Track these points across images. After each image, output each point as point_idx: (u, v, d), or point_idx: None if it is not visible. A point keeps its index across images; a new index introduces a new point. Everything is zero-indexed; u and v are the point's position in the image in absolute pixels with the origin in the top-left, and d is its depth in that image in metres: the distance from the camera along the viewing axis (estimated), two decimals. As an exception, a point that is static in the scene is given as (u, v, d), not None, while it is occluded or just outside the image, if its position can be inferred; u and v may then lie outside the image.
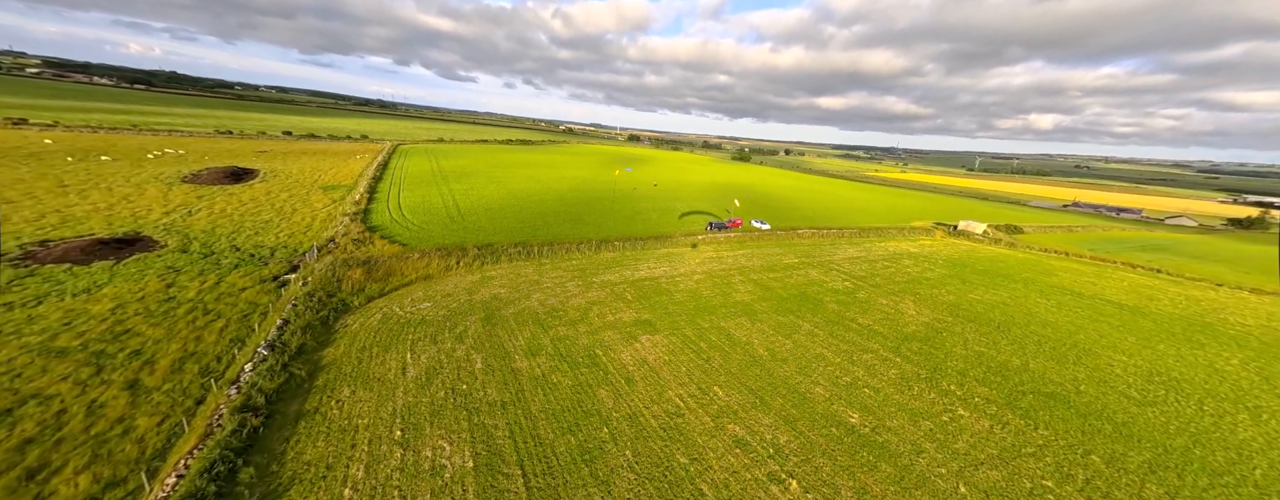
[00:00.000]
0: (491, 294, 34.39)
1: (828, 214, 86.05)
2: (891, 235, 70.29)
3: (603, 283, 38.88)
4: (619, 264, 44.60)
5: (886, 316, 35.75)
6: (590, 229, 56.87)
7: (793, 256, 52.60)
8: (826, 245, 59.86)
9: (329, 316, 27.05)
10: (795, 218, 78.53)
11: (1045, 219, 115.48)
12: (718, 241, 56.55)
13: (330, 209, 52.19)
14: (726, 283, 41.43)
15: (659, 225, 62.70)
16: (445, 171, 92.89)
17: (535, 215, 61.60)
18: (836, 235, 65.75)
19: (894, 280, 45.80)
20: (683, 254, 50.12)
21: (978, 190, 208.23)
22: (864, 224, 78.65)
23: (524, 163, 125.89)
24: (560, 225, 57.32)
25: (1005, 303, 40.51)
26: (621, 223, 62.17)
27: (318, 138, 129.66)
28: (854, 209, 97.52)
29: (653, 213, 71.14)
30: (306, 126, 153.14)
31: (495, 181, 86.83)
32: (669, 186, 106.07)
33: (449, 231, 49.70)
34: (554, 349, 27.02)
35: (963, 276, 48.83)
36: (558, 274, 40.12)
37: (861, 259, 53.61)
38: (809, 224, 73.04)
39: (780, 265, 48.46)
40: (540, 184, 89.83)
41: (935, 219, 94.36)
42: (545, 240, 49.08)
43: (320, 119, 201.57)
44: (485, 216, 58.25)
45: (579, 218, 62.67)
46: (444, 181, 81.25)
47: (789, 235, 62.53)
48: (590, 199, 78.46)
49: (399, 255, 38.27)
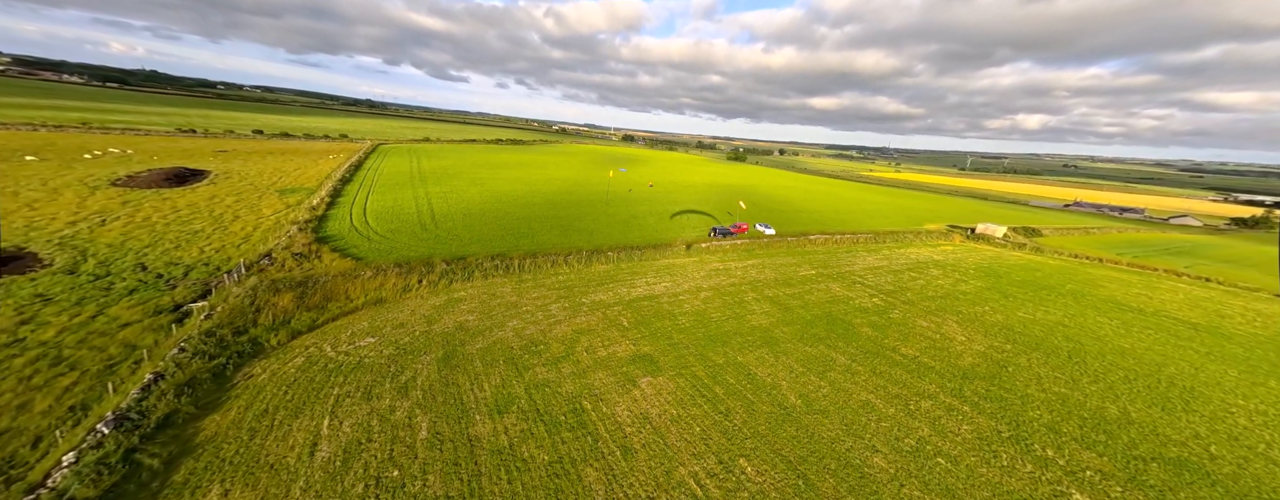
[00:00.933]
0: (457, 322, 28.01)
1: (835, 217, 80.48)
2: (908, 240, 64.83)
3: (593, 304, 32.64)
4: (613, 279, 38.39)
5: (933, 344, 29.90)
6: (580, 237, 50.60)
7: (808, 267, 46.74)
8: (842, 253, 54.11)
9: (227, 364, 20.51)
10: (802, 222, 72.82)
11: (1056, 220, 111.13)
12: (723, 250, 50.55)
13: (280, 216, 45.41)
14: (738, 301, 35.39)
15: (657, 231, 56.58)
16: (424, 172, 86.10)
17: (519, 221, 55.19)
18: (851, 241, 60.08)
19: (927, 296, 40.06)
20: (685, 265, 44.03)
21: (978, 190, 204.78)
22: (876, 228, 73.18)
23: (512, 163, 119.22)
24: (547, 233, 50.98)
25: (1063, 324, 34.89)
26: (616, 229, 55.96)
27: (292, 137, 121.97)
28: (861, 211, 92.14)
29: (650, 217, 64.99)
30: (283, 125, 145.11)
31: (478, 183, 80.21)
32: (665, 187, 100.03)
33: (418, 241, 43.17)
34: (528, 402, 20.75)
35: (1002, 289, 43.25)
36: (541, 293, 33.81)
37: (884, 269, 47.90)
38: (818, 228, 67.35)
39: (796, 278, 42.54)
40: (527, 186, 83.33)
41: (947, 221, 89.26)
42: (529, 251, 42.75)
43: (301, 118, 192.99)
44: (462, 223, 51.73)
45: (568, 224, 56.36)
46: (421, 183, 74.49)
47: (800, 242, 56.72)
48: (581, 202, 72.14)
49: (348, 273, 31.72)
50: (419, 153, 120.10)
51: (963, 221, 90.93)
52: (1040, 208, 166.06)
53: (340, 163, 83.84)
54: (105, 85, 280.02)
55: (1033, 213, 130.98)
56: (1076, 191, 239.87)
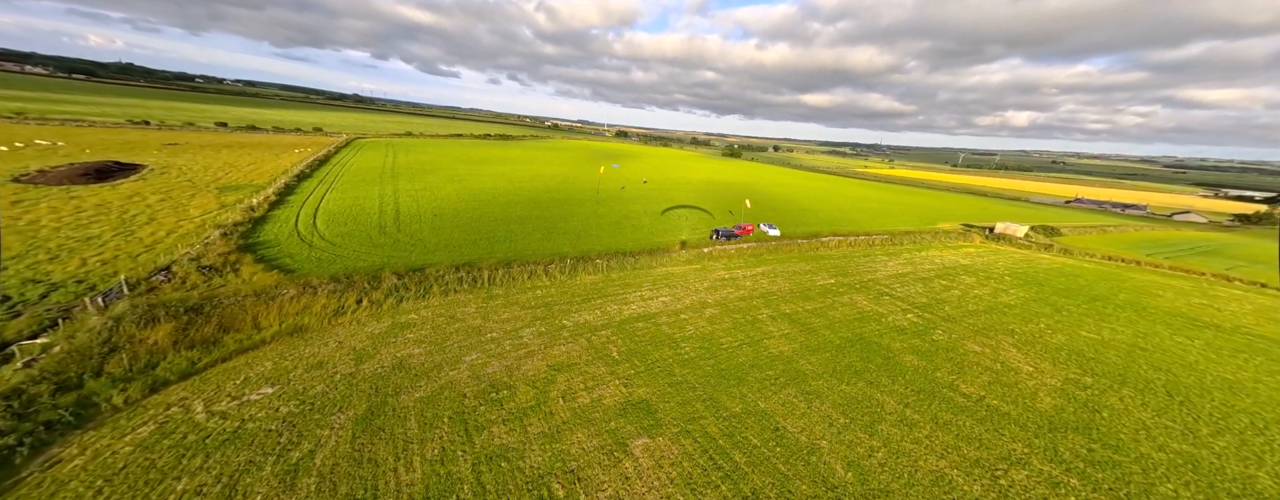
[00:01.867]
0: (397, 358, 21.66)
1: (843, 216, 74.85)
2: (927, 242, 59.35)
3: (577, 327, 26.47)
4: (601, 293, 32.21)
5: (996, 377, 24.15)
6: (566, 241, 44.29)
7: (826, 275, 40.90)
8: (860, 257, 48.38)
9: (21, 445, 13.97)
10: (808, 221, 67.06)
11: (1068, 218, 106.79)
12: (728, 255, 44.52)
13: (209, 218, 38.50)
14: (751, 320, 29.41)
15: (653, 233, 50.40)
16: (398, 168, 78.97)
17: (497, 223, 48.67)
18: (866, 244, 54.38)
19: (968, 310, 34.40)
20: (685, 274, 37.95)
21: (977, 187, 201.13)
22: (888, 228, 67.65)
23: (497, 158, 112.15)
24: (527, 236, 44.58)
25: (1139, 346, 29.37)
26: (607, 231, 49.68)
27: (260, 130, 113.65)
28: (868, 210, 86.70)
29: (644, 217, 58.76)
30: (253, 118, 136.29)
31: (456, 180, 73.33)
32: (660, 184, 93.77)
33: (372, 249, 36.58)
34: (476, 488, 14.57)
35: (1050, 301, 37.75)
36: (512, 314, 27.54)
37: (910, 276, 42.22)
38: (828, 229, 61.64)
39: (815, 289, 36.66)
40: (510, 183, 76.60)
41: (959, 220, 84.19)
42: (503, 259, 36.41)
43: (277, 111, 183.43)
44: (430, 226, 45.11)
45: (553, 226, 49.95)
46: (392, 179, 67.50)
47: (812, 245, 50.86)
48: (569, 201, 65.68)
49: (264, 293, 25.16)
50: (397, 147, 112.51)
51: (976, 220, 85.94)
52: (1041, 205, 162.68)
53: (305, 157, 76.41)
54: (71, 76, 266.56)
55: (1038, 210, 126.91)
56: (1073, 188, 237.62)
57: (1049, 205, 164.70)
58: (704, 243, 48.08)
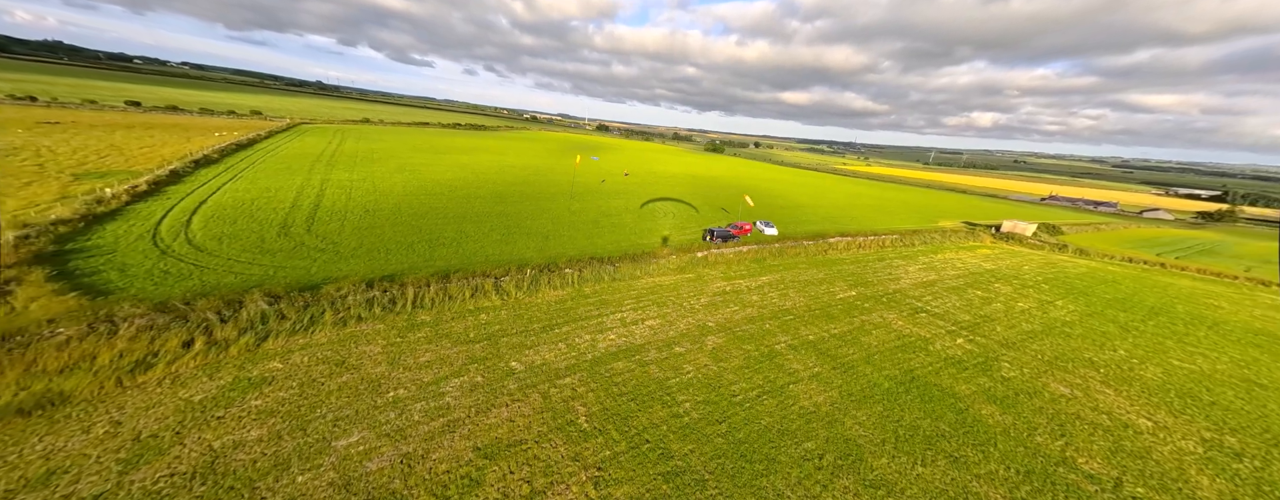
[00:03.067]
0: (214, 446, 13.13)
1: (840, 214, 68.84)
2: (936, 242, 53.62)
3: (530, 372, 18.41)
4: (570, 314, 24.20)
5: (1115, 441, 17.48)
6: (530, 243, 35.93)
7: (842, 284, 34.01)
8: (873, 261, 41.86)
9: None
10: (807, 220, 60.59)
11: (1056, 216, 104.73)
12: (726, 260, 37.08)
13: (24, 214, 28.28)
14: (767, 352, 22.02)
15: (637, 233, 42.53)
16: (340, 155, 68.14)
17: (447, 221, 39.77)
18: (875, 244, 48.02)
19: (1022, 329, 28.05)
20: (677, 286, 30.28)
21: (957, 185, 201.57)
22: (888, 226, 61.94)
23: (463, 148, 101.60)
24: (483, 238, 35.98)
25: (1255, 382, 23.41)
26: (581, 232, 41.49)
27: (183, 111, 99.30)
28: (864, 207, 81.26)
29: (627, 215, 50.78)
30: (175, 98, 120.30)
31: (407, 170, 63.33)
32: (643, 178, 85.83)
33: (259, 256, 27.32)
34: None
35: (1106, 315, 31.92)
36: (439, 353, 19.21)
37: (937, 285, 35.87)
38: (831, 228, 55.25)
39: (835, 304, 29.64)
40: (473, 174, 67.10)
41: (958, 217, 79.83)
42: (445, 268, 27.87)
43: (212, 93, 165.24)
44: (356, 224, 35.84)
45: (517, 224, 41.41)
46: (326, 168, 57.09)
47: (818, 246, 44.01)
48: (539, 195, 56.99)
49: (17, 335, 15.96)
50: (349, 133, 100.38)
51: (975, 218, 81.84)
52: (1020, 202, 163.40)
53: (223, 141, 64.72)
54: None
55: (1020, 207, 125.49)
56: (1046, 186, 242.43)
57: (1027, 202, 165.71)
58: (696, 244, 40.53)
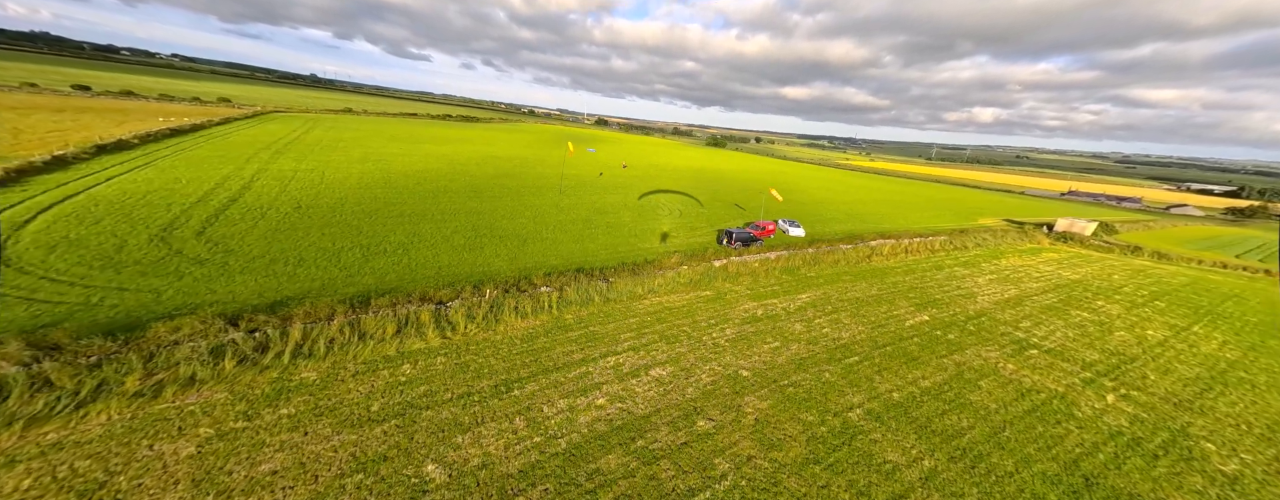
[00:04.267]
0: None
1: (868, 212, 60.74)
2: (991, 244, 45.49)
3: (456, 486, 10.31)
4: (543, 359, 16.19)
5: None
6: (502, 250, 27.87)
7: (905, 302, 25.97)
8: (928, 269, 33.78)
9: None
10: (832, 218, 52.53)
11: (1091, 213, 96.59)
12: (751, 270, 28.97)
13: None
14: (837, 426, 13.98)
15: (637, 235, 34.47)
16: (300, 143, 59.74)
17: (401, 220, 31.64)
18: (924, 248, 39.91)
19: (1185, 378, 20.02)
20: (691, 308, 22.23)
21: (969, 180, 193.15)
22: (928, 225, 53.95)
23: (447, 138, 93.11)
24: (441, 243, 27.92)
25: None
26: (569, 233, 33.42)
27: (138, 97, 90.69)
28: (890, 202, 73.12)
29: (625, 212, 42.67)
30: (133, 84, 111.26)
31: (372, 159, 54.98)
32: (643, 170, 77.59)
33: (95, 273, 19.25)
34: None
35: (1271, 349, 23.93)
36: (299, 451, 11.13)
37: (1025, 302, 27.85)
38: (861, 227, 47.21)
39: (907, 333, 21.63)
40: (449, 165, 58.78)
41: (993, 215, 71.76)
42: (369, 289, 19.89)
43: (179, 81, 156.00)
44: (270, 227, 27.65)
45: (490, 225, 33.33)
46: (272, 156, 48.78)
47: (857, 251, 35.84)
48: (523, 189, 48.81)
49: None
50: (323, 122, 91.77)
51: (1013, 214, 73.82)
52: (1039, 197, 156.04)
53: (158, 126, 56.31)
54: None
55: (1043, 203, 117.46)
56: (1064, 182, 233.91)
57: (1046, 197, 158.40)
58: (710, 248, 32.41)
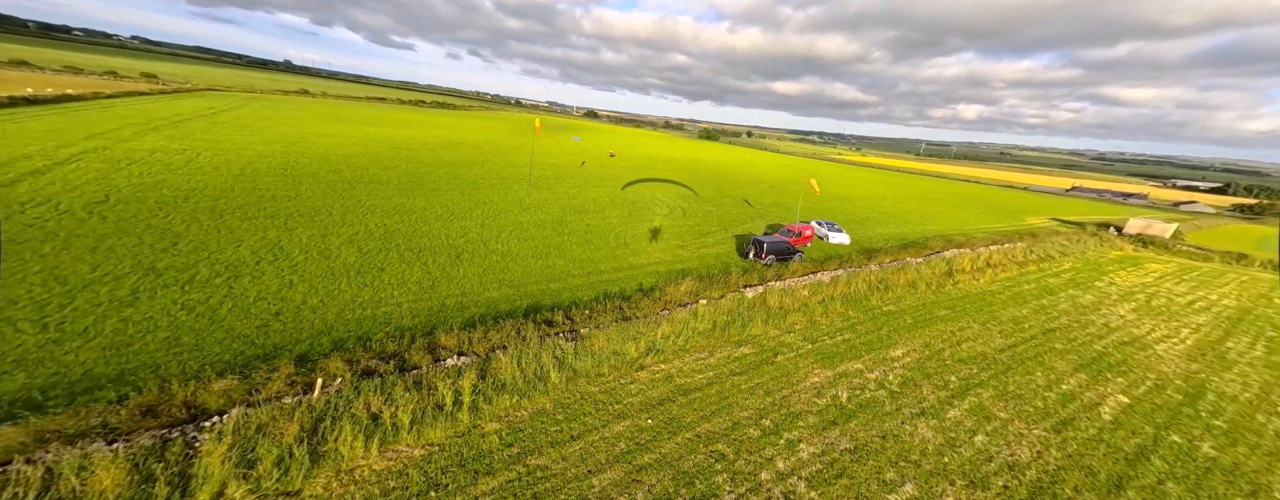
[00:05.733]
0: None
1: (902, 212, 51.30)
2: (1077, 254, 36.14)
3: None
4: None
5: None
6: (411, 274, 17.12)
7: (1060, 364, 16.08)
8: (1035, 292, 24.05)
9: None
10: (869, 219, 42.91)
11: (1110, 210, 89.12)
12: (802, 303, 18.73)
13: None
14: None
15: (625, 250, 23.98)
16: (201, 119, 47.42)
17: (268, 221, 20.58)
18: (1005, 259, 30.16)
19: None
20: (723, 391, 11.80)
21: (976, 177, 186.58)
22: (975, 227, 44.81)
23: (403, 121, 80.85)
24: (310, 264, 17.07)
25: None
26: (530, 244, 22.83)
27: (35, 69, 76.21)
28: (922, 200, 63.92)
29: (612, 211, 32.16)
30: (29, 56, 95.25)
31: (290, 140, 43.14)
32: (634, 161, 66.98)
33: None
34: None
35: None
36: None
37: (1225, 356, 18.30)
38: (907, 230, 37.62)
39: (1121, 447, 11.62)
40: (391, 148, 47.22)
41: (1035, 214, 63.16)
42: (50, 383, 8.85)
43: (128, 60, 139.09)
44: (15, 235, 16.39)
45: (412, 230, 22.56)
46: (145, 133, 36.86)
47: (929, 265, 25.91)
48: (482, 179, 37.93)
49: None
50: (256, 101, 78.55)
51: (1057, 213, 65.38)
52: (1040, 193, 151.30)
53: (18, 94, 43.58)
54: None
55: (1050, 200, 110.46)
56: (1067, 178, 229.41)
57: (1051, 194, 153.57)
58: (730, 262, 22.14)
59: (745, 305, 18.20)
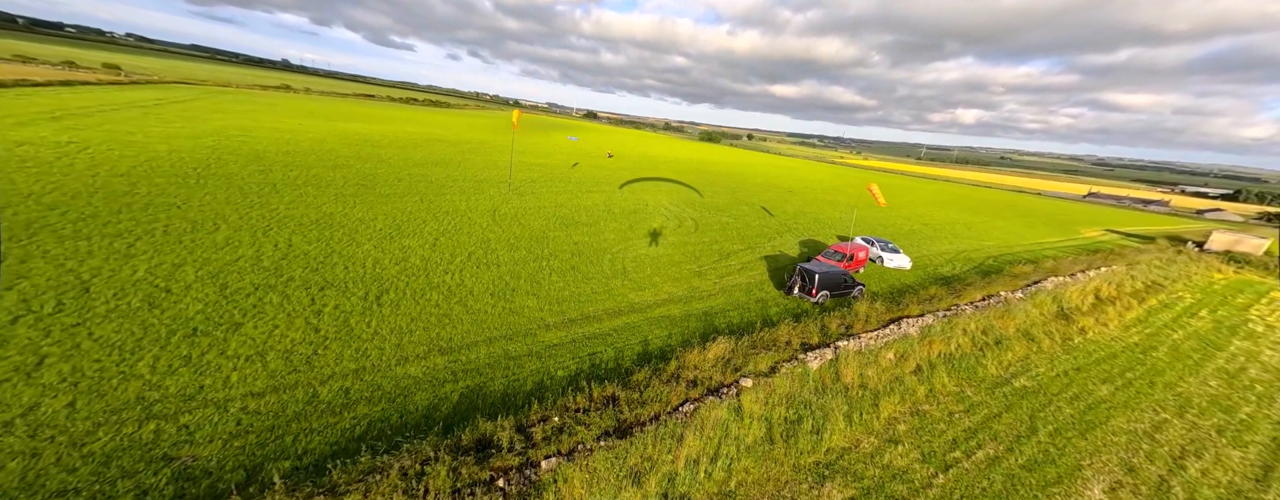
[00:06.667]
0: None
1: (946, 223, 44.71)
2: (1183, 278, 29.51)
3: None
4: None
5: None
6: (279, 343, 10.12)
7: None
8: (1184, 341, 17.41)
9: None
10: (915, 233, 36.31)
11: (1151, 220, 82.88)
12: (894, 379, 11.99)
13: None
14: None
15: (623, 278, 17.12)
16: (133, 109, 40.65)
17: (100, 241, 13.65)
18: (1108, 287, 23.50)
19: None
20: None
21: (986, 182, 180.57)
22: (1033, 241, 38.32)
23: (380, 117, 74.07)
24: (99, 319, 10.11)
25: None
26: (489, 279, 15.96)
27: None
28: (958, 207, 57.37)
29: (606, 227, 25.41)
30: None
31: (226, 133, 36.29)
32: (634, 161, 60.38)
33: None
34: None
35: None
36: None
37: None
38: (964, 247, 31.01)
39: None
40: (351, 144, 40.39)
41: (1092, 225, 56.67)
42: None
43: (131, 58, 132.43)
44: None
45: (320, 256, 15.68)
46: (41, 122, 30.07)
47: (1035, 302, 19.19)
48: (449, 182, 31.15)
49: None
50: (220, 95, 71.71)
51: (1110, 224, 58.85)
52: (1056, 198, 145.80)
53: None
54: None
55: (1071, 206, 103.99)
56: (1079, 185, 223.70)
57: (1068, 199, 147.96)
58: (767, 297, 15.35)
59: (810, 385, 11.50)
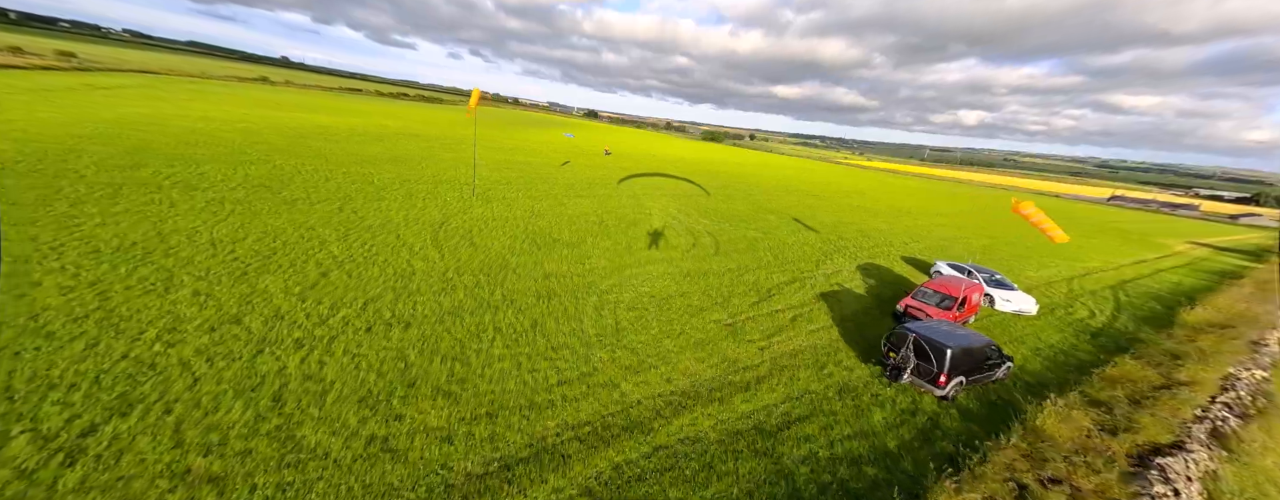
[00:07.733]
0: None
1: (1023, 241, 37.29)
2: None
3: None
4: None
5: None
6: None
7: None
8: None
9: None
10: (1001, 256, 28.83)
11: (1186, 228, 75.51)
12: None
13: None
14: None
15: (614, 338, 9.34)
16: (27, 91, 33.24)
17: None
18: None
19: None
20: None
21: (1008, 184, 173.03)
22: (1125, 259, 30.97)
23: (353, 110, 66.53)
24: None
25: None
26: (384, 362, 7.98)
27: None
28: (1018, 222, 49.97)
29: (598, 243, 17.76)
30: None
31: (126, 123, 28.74)
32: (635, 159, 52.94)
33: None
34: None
35: None
36: None
37: None
38: (1067, 272, 23.56)
39: None
40: (285, 136, 32.86)
41: (1170, 236, 49.30)
42: None
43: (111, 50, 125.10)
44: None
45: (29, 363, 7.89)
46: None
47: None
48: (392, 184, 23.56)
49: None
50: (172, 84, 64.10)
51: (1191, 235, 51.56)
52: (1077, 201, 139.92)
53: None
54: None
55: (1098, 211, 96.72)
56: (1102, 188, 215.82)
57: (1090, 202, 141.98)
58: (828, 362, 7.70)
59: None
